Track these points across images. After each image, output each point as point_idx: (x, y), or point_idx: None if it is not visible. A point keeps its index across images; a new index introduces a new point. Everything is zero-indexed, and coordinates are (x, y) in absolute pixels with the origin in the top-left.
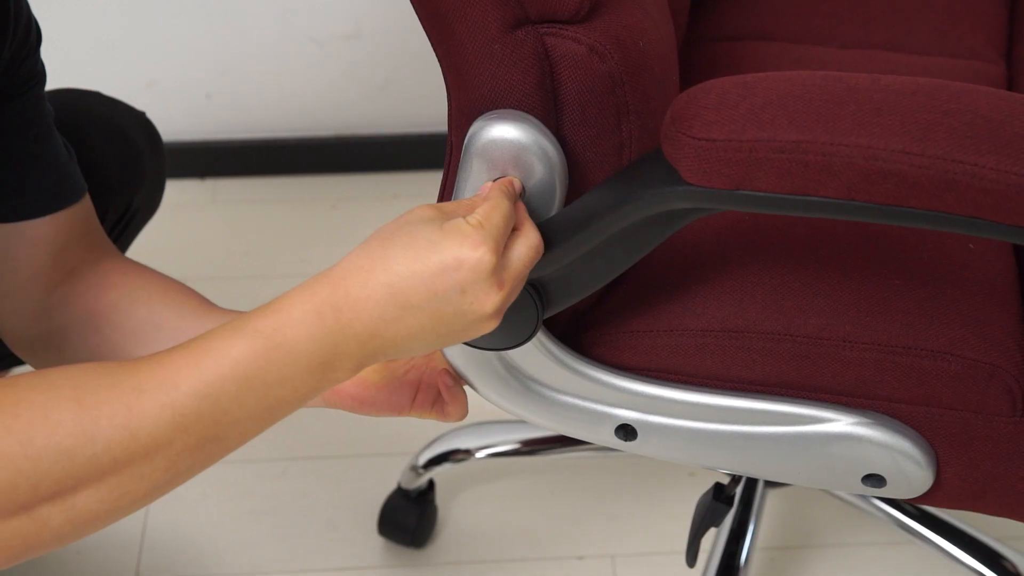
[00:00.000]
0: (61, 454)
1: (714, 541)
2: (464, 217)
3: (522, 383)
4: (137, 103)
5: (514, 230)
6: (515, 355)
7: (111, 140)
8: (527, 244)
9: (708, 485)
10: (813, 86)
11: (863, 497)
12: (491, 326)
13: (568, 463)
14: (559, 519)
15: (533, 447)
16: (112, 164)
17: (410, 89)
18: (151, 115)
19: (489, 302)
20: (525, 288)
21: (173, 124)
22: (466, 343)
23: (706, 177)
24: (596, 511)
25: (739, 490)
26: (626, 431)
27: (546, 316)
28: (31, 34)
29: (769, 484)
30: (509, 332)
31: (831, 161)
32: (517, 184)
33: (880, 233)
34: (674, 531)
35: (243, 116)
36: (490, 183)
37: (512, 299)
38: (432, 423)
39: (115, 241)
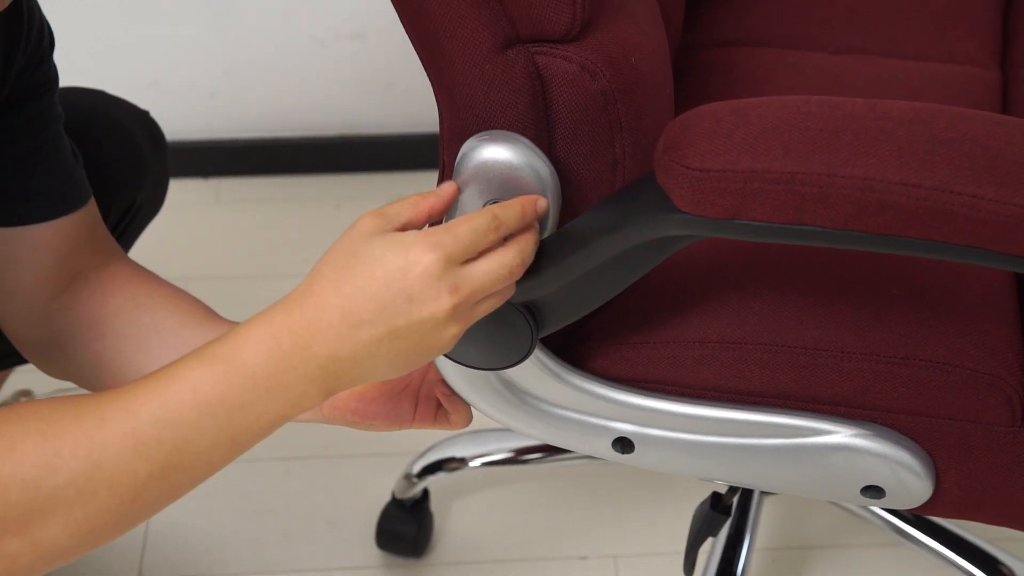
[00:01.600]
0: (26, 485)
1: (711, 547)
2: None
3: (518, 397)
4: (141, 103)
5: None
6: (510, 370)
7: (114, 138)
8: (498, 261)
9: (711, 487)
10: (808, 113)
11: None
12: (450, 335)
13: (569, 467)
14: (561, 519)
15: (528, 455)
16: (115, 162)
17: (415, 89)
18: (155, 115)
19: (439, 308)
20: (518, 309)
21: (177, 124)
22: (460, 362)
23: (700, 207)
24: (598, 511)
25: (736, 495)
26: (623, 444)
27: (541, 336)
28: (44, 39)
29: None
30: (504, 352)
31: (827, 193)
32: (541, 205)
33: None
34: (677, 531)
35: (247, 116)
36: (452, 185)
37: (474, 312)
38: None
39: (118, 239)
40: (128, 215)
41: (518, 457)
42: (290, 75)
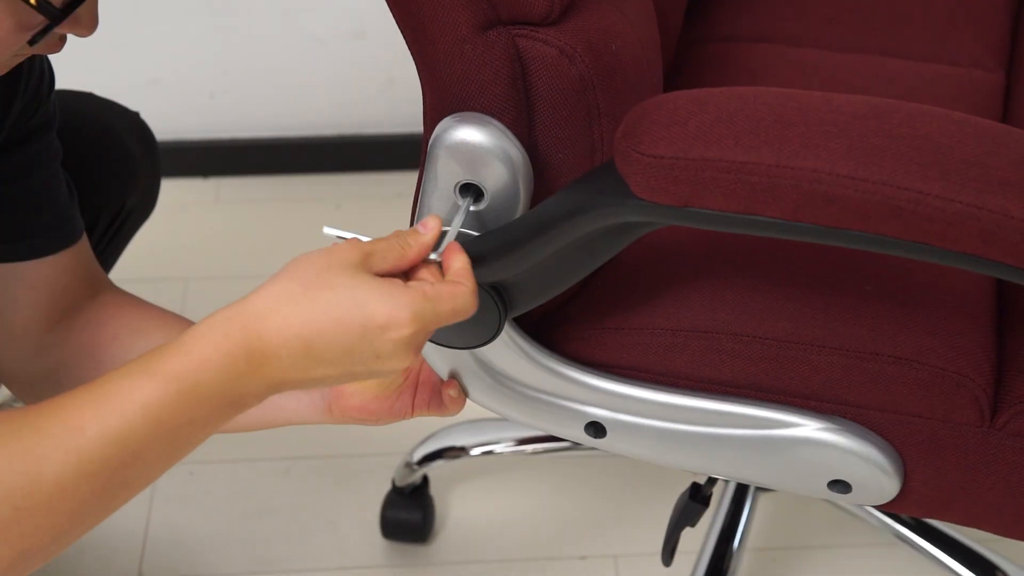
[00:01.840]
0: None
1: (703, 542)
2: (407, 279)
3: (494, 378)
4: (141, 101)
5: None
6: (486, 350)
7: (103, 143)
8: (453, 310)
9: (715, 487)
10: (764, 104)
11: None
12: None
13: (569, 461)
14: (561, 519)
15: (528, 445)
16: (104, 167)
17: (414, 88)
18: (154, 114)
19: (400, 366)
20: (487, 290)
21: (177, 123)
22: (433, 341)
23: (655, 193)
24: (598, 511)
25: (730, 492)
26: (596, 429)
27: (510, 317)
28: (43, 83)
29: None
30: (473, 332)
31: (776, 183)
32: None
33: None
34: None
35: (247, 115)
36: (436, 219)
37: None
38: (434, 422)
39: (109, 244)
40: (118, 220)
41: (518, 447)
42: (290, 75)
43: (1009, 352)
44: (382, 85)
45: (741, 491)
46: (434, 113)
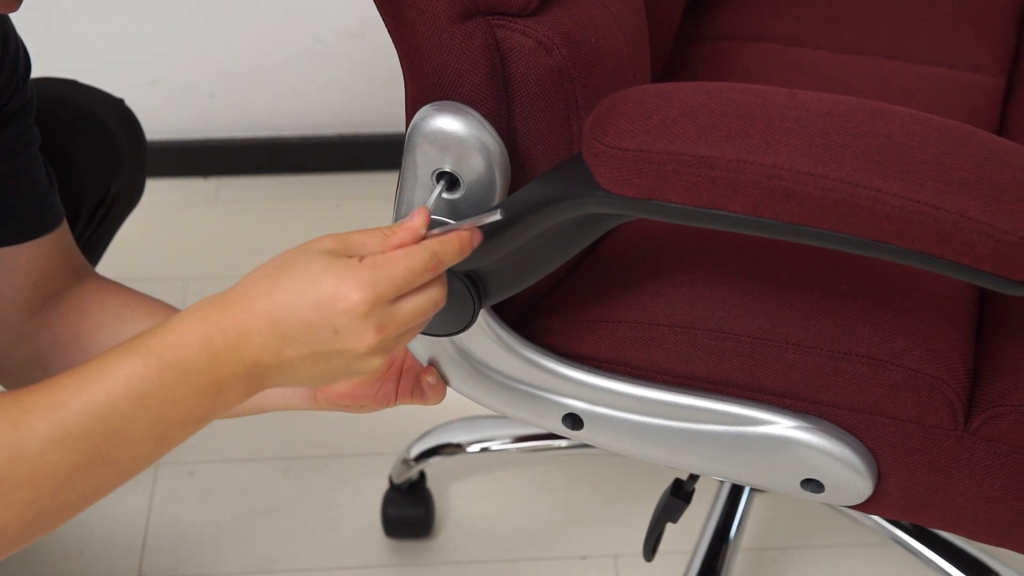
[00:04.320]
0: None
1: (697, 541)
2: (361, 256)
3: (473, 366)
4: (140, 101)
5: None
6: (465, 339)
7: (86, 128)
8: (427, 296)
9: (710, 487)
10: (728, 100)
11: None
12: (374, 364)
13: (568, 460)
14: (561, 518)
15: (524, 442)
16: (87, 152)
17: None
18: (154, 114)
19: (363, 344)
20: (461, 279)
21: (177, 122)
22: None
23: (619, 185)
24: (598, 510)
25: (725, 491)
26: (573, 420)
27: (486, 305)
28: (19, 66)
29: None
30: (448, 320)
31: (736, 178)
32: (477, 239)
33: None
34: (677, 531)
35: (247, 115)
36: (425, 209)
37: (399, 343)
38: (432, 418)
39: (95, 230)
40: (103, 206)
41: (515, 444)
42: (290, 74)
43: (987, 355)
44: (382, 85)
45: (736, 490)
46: (414, 101)
